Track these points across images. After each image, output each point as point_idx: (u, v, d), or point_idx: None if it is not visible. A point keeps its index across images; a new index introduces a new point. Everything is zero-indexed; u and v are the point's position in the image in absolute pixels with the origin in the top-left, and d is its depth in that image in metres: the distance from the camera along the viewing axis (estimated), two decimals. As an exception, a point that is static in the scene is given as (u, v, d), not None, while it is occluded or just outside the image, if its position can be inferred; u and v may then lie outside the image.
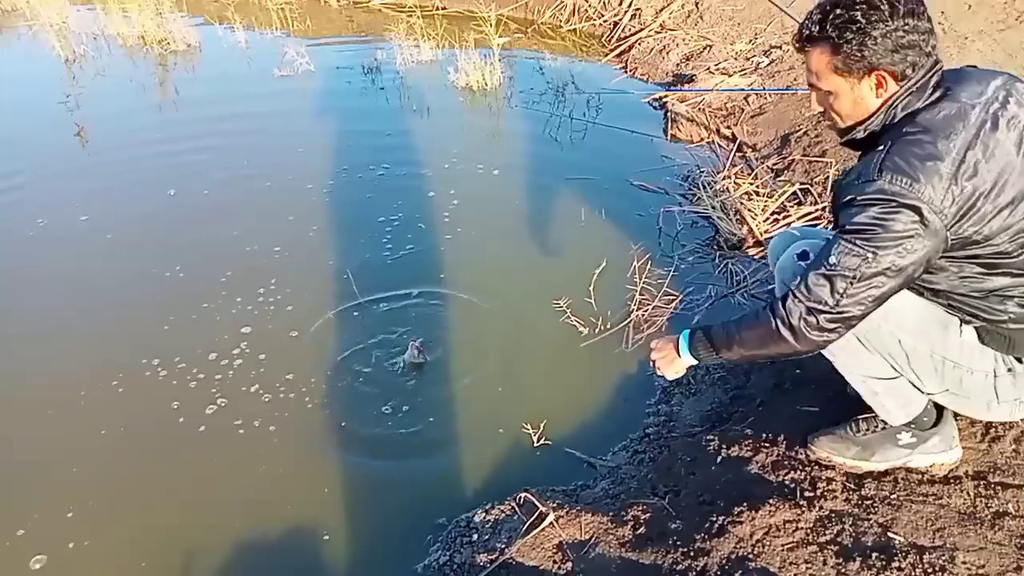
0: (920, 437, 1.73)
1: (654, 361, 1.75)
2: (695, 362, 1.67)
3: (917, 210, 1.29)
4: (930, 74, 1.37)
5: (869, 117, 1.42)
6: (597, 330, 2.67)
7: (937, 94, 1.37)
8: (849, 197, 1.36)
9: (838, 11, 1.36)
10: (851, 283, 1.35)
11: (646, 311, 2.74)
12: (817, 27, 1.39)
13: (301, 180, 3.81)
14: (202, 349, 2.68)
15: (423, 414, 2.38)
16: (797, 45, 1.47)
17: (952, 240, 1.33)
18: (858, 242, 1.33)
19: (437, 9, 6.41)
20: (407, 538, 1.99)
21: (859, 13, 1.33)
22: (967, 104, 1.34)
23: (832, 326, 1.40)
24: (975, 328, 1.53)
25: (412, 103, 4.73)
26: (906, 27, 1.32)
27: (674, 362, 1.70)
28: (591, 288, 2.83)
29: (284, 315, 2.85)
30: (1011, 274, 1.42)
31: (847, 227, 1.35)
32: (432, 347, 2.61)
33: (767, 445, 1.94)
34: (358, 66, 5.34)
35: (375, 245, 3.25)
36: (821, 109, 1.51)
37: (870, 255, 1.32)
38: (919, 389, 1.65)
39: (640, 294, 2.80)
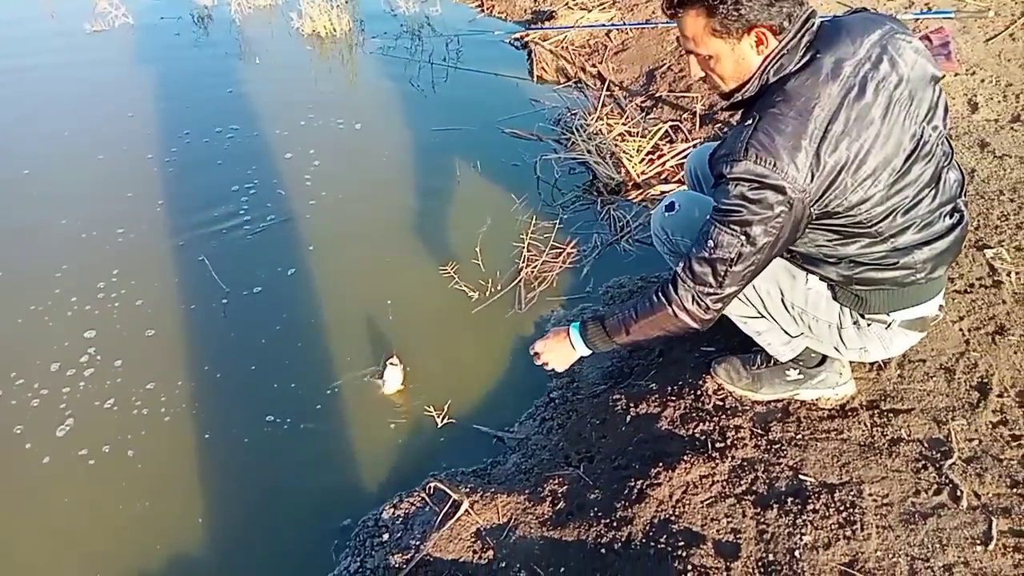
0: (807, 374, 1.81)
1: (543, 362, 1.76)
2: (589, 353, 1.69)
3: (781, 189, 1.28)
4: (803, 30, 1.33)
5: (750, 78, 1.37)
6: (488, 293, 2.55)
7: (808, 56, 1.32)
8: (719, 173, 1.35)
9: None
10: (730, 265, 1.38)
11: (535, 267, 2.65)
12: None
13: (137, 151, 3.36)
14: (41, 360, 2.31)
15: (309, 410, 2.18)
16: (669, 12, 1.39)
17: (816, 214, 1.34)
18: (731, 225, 1.34)
19: (269, -54, 5.81)
20: (311, 550, 1.82)
21: None
22: (834, 69, 1.29)
23: (720, 304, 1.46)
24: (828, 284, 1.58)
25: (255, 55, 4.29)
26: None
27: (567, 357, 1.72)
28: (477, 249, 2.70)
29: (133, 312, 2.51)
30: (865, 241, 1.44)
31: (719, 207, 1.36)
32: (312, 336, 2.40)
33: (673, 398, 1.92)
34: (186, 16, 4.77)
35: (231, 219, 2.92)
36: (702, 74, 1.44)
37: (743, 236, 1.34)
38: (783, 331, 1.72)
39: (527, 250, 2.70)
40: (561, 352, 1.72)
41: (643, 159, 3.14)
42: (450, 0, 5.06)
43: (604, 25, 4.14)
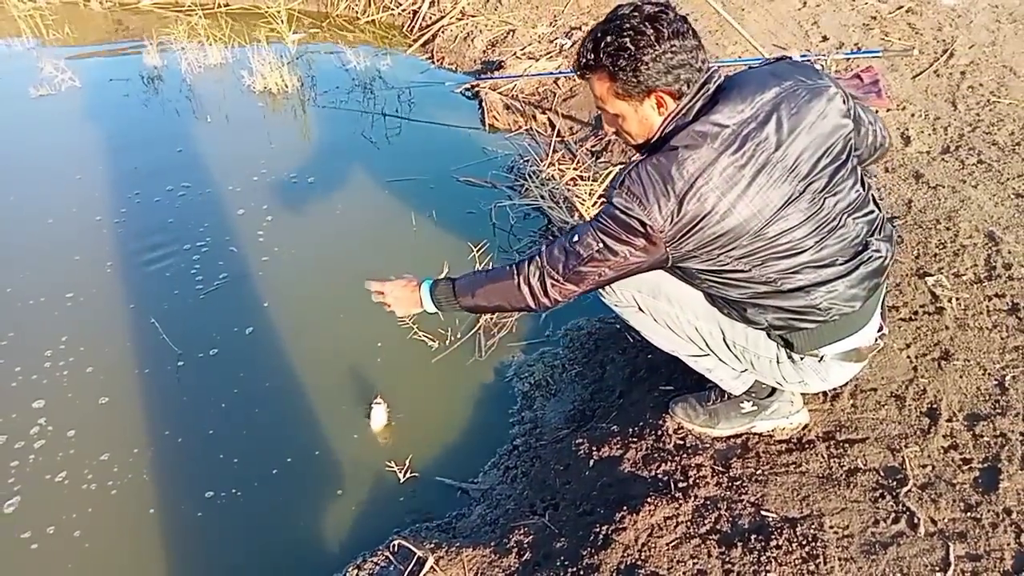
0: (760, 405, 1.85)
1: (382, 301, 1.85)
2: (433, 311, 1.78)
3: (643, 224, 1.38)
4: (699, 94, 1.42)
5: (654, 135, 1.47)
6: (448, 342, 2.55)
7: (698, 114, 1.41)
8: (606, 193, 1.46)
9: (608, 39, 1.39)
10: (580, 263, 1.47)
11: (494, 314, 2.65)
12: (592, 56, 1.43)
13: (85, 214, 3.30)
14: (-16, 435, 2.23)
15: (267, 472, 2.13)
16: (578, 73, 1.50)
17: (674, 255, 1.44)
18: (598, 232, 1.45)
19: (219, 7, 5.86)
20: (272, 619, 1.76)
21: (628, 40, 1.37)
22: (717, 127, 1.37)
23: (557, 294, 1.54)
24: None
25: (206, 113, 4.28)
26: (673, 48, 1.37)
27: (409, 306, 1.81)
28: (434, 298, 2.69)
29: (84, 379, 2.44)
30: (750, 287, 1.51)
31: (597, 217, 1.47)
32: (269, 398, 2.35)
33: (635, 439, 1.92)
34: (135, 76, 4.75)
35: (183, 280, 2.88)
36: (613, 130, 1.56)
37: (601, 246, 1.44)
38: (729, 367, 1.80)
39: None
40: (406, 299, 1.80)
41: (595, 202, 3.19)
42: (400, 53, 5.15)
43: (552, 73, 4.25)
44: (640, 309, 1.77)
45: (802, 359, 1.64)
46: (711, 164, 1.35)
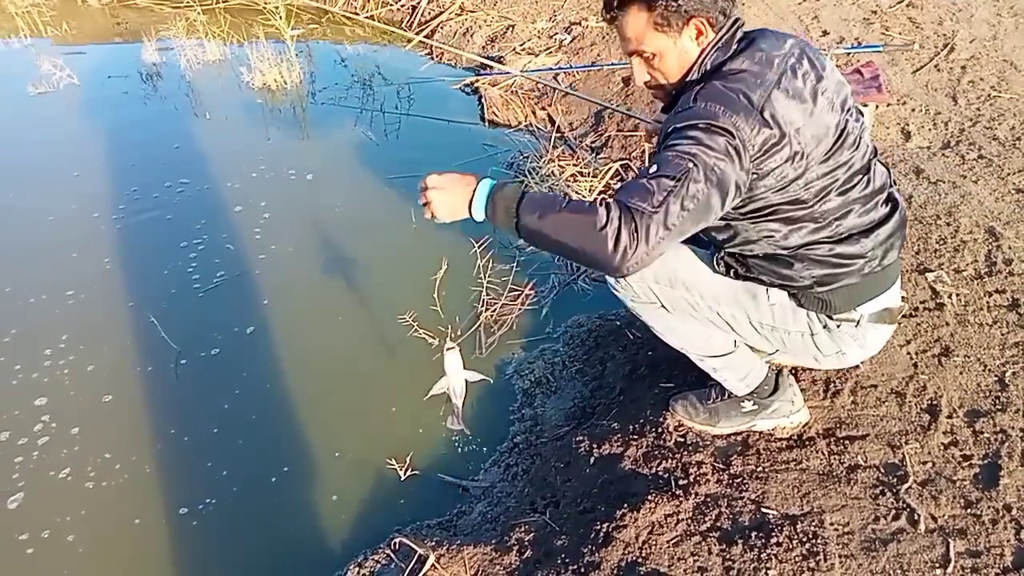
0: (761, 404, 1.84)
1: (427, 200, 1.46)
2: (481, 218, 1.41)
3: (729, 132, 1.29)
4: (734, 27, 1.42)
5: (691, 67, 1.43)
6: (448, 339, 2.54)
7: (740, 47, 1.41)
8: (668, 130, 1.35)
9: None
10: (676, 183, 1.26)
11: (494, 311, 2.65)
12: None
13: (84, 211, 3.29)
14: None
15: (268, 471, 2.14)
16: (608, 15, 1.45)
17: (753, 176, 1.35)
18: (678, 149, 1.29)
19: (218, 2, 5.84)
20: (274, 617, 1.77)
21: None
22: (769, 53, 1.38)
23: (646, 237, 1.25)
24: (790, 293, 1.61)
25: (205, 109, 4.27)
26: None
27: (455, 207, 1.43)
28: (435, 295, 2.70)
29: (86, 378, 2.44)
30: (810, 227, 1.47)
31: (667, 144, 1.32)
32: (271, 396, 2.36)
33: (635, 437, 1.93)
34: (134, 73, 4.73)
35: (180, 277, 2.87)
36: (647, 78, 1.50)
37: (690, 161, 1.27)
38: (756, 351, 1.79)
39: (486, 294, 2.71)
40: (455, 198, 1.43)
41: (595, 198, 3.18)
42: (400, 49, 5.13)
43: (552, 69, 4.24)
44: (658, 304, 1.72)
45: (838, 327, 1.61)
46: (776, 84, 1.34)
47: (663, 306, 1.72)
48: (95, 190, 3.45)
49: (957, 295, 2.20)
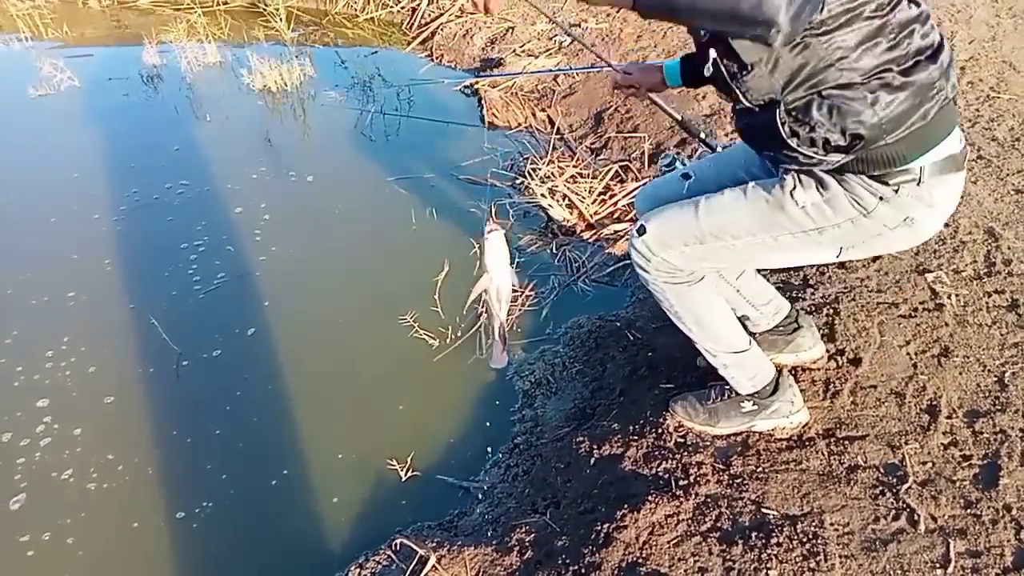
0: (761, 404, 1.85)
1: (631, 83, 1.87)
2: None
3: None
4: None
5: None
6: (448, 340, 2.55)
7: None
8: None
9: None
10: None
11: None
12: None
13: (84, 212, 3.30)
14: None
15: (270, 469, 2.14)
16: None
17: None
18: None
19: (219, 5, 5.85)
20: (275, 618, 1.77)
21: None
22: None
23: None
24: (837, 178, 1.48)
25: (206, 111, 4.27)
26: None
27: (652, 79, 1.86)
28: (436, 296, 2.70)
29: (88, 379, 2.44)
30: (882, 45, 1.33)
31: None
32: (274, 397, 2.36)
33: (635, 437, 1.93)
34: (135, 76, 4.74)
35: (180, 279, 2.88)
36: None
37: None
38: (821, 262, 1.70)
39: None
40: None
41: (595, 200, 3.20)
42: (400, 51, 5.14)
43: (551, 70, 4.24)
44: (686, 279, 1.69)
45: (896, 191, 1.44)
46: None
47: (690, 281, 1.70)
48: (96, 192, 3.45)
49: (956, 295, 2.20)
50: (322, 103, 4.41)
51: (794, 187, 1.51)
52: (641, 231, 1.69)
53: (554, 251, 3.01)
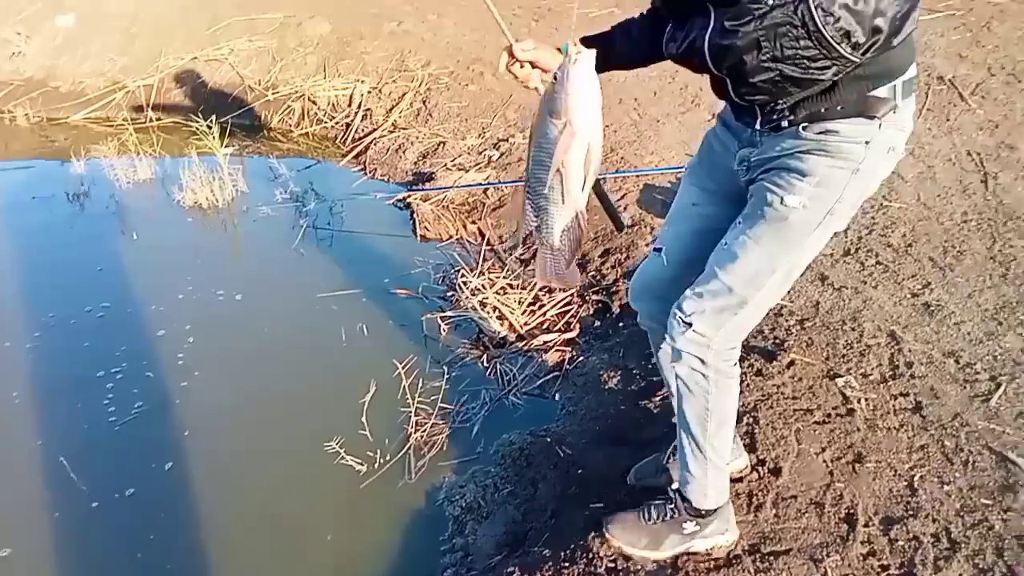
0: (702, 524, 1.84)
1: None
2: None
3: None
4: None
5: None
6: (376, 464, 2.50)
7: None
8: None
9: None
10: None
11: (424, 431, 2.63)
12: None
13: (-7, 341, 3.17)
14: None
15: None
16: None
17: None
18: None
19: (151, 121, 5.91)
20: None
21: None
22: None
23: None
24: (815, 147, 1.44)
25: (133, 229, 4.24)
26: None
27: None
28: (364, 419, 2.67)
29: (-16, 527, 2.29)
30: None
31: None
32: (193, 538, 2.25)
33: (567, 564, 1.90)
34: (61, 193, 4.68)
35: (94, 410, 2.76)
36: None
37: None
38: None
39: (415, 414, 2.70)
40: None
41: (525, 311, 3.26)
42: (333, 165, 5.26)
43: (481, 184, 4.40)
44: (735, 364, 1.66)
45: (880, 127, 1.43)
46: None
47: (736, 369, 1.66)
48: (7, 318, 3.34)
49: (866, 400, 2.30)
50: (254, 219, 4.43)
51: (780, 197, 1.47)
52: (685, 326, 1.60)
53: (485, 364, 3.03)
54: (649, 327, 1.96)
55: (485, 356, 3.07)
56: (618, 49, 1.69)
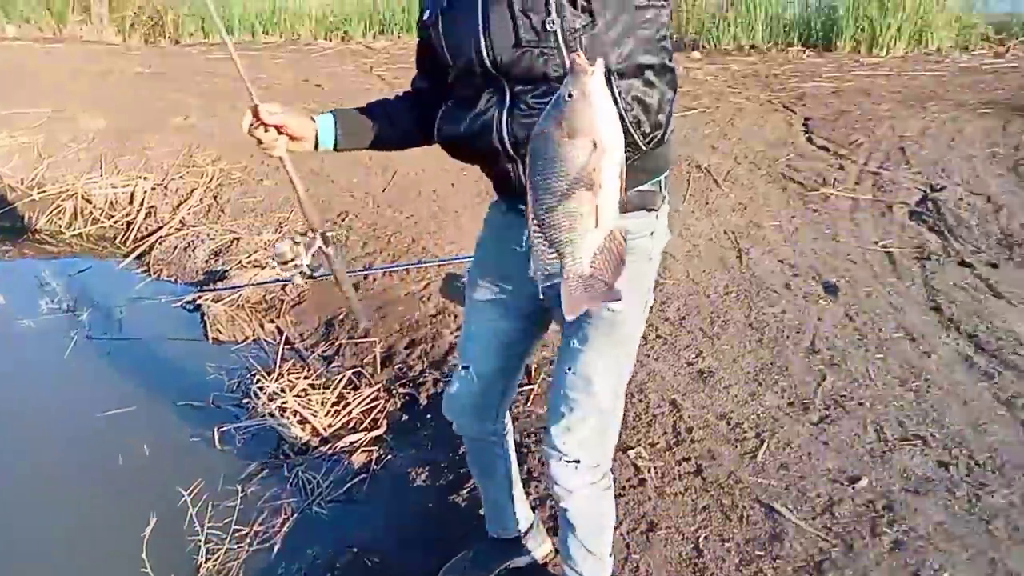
0: None
1: None
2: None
3: None
4: None
5: None
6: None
7: None
8: None
9: None
10: None
11: (217, 560, 2.40)
12: None
13: None
14: None
15: None
16: None
17: None
18: None
19: None
20: None
21: None
22: None
23: None
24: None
25: None
26: None
27: None
28: (144, 556, 2.37)
29: None
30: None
31: None
32: None
33: None
34: None
35: None
36: None
37: None
38: None
39: (206, 541, 2.45)
40: None
41: (328, 411, 3.14)
42: (112, 267, 4.83)
43: (279, 280, 4.24)
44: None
45: (658, 217, 1.54)
46: None
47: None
48: None
49: (654, 468, 2.46)
50: (18, 333, 3.92)
51: (606, 307, 1.44)
52: (574, 464, 1.57)
53: (287, 474, 2.85)
54: (468, 439, 1.96)
55: (286, 466, 2.89)
56: (375, 128, 1.63)
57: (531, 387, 2.94)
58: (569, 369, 1.53)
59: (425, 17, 1.45)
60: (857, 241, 4.06)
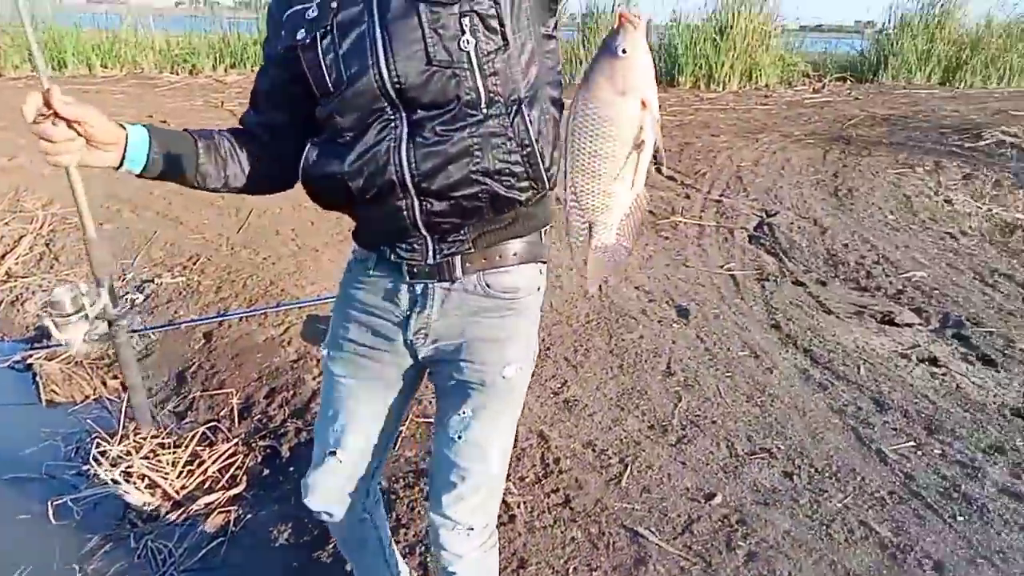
0: None
1: None
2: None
3: None
4: None
5: None
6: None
7: None
8: None
9: None
10: None
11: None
12: None
13: None
14: None
15: None
16: None
17: None
18: None
19: None
20: None
21: None
22: None
23: None
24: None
25: None
26: None
27: None
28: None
29: None
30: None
31: None
32: None
33: None
34: None
35: None
36: None
37: None
38: None
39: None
40: None
41: (180, 472, 2.93)
42: (-76, 325, 4.29)
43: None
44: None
45: (545, 263, 1.50)
46: None
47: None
48: None
49: (524, 503, 2.47)
50: None
51: (499, 373, 1.41)
52: (467, 531, 1.49)
53: (134, 545, 2.61)
54: (329, 522, 1.70)
55: (133, 536, 2.65)
56: (200, 158, 1.34)
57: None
58: (459, 437, 1.43)
59: (298, 38, 1.25)
60: (704, 265, 4.34)
